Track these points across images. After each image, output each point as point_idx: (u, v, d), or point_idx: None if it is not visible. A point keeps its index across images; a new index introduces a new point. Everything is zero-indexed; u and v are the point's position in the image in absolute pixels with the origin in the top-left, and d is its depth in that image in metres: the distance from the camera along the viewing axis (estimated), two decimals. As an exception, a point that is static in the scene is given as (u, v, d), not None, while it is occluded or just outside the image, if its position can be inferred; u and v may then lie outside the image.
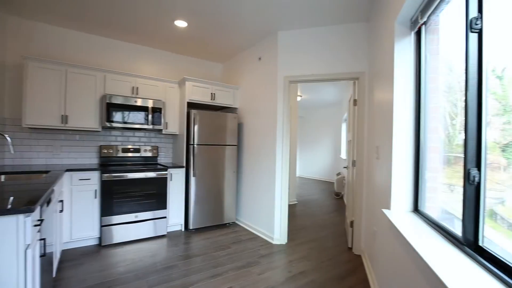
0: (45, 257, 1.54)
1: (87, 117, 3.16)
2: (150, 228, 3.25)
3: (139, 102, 3.37)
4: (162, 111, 3.55)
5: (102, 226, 2.97)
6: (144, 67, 3.88)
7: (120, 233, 3.06)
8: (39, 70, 2.91)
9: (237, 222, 3.99)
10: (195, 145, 3.52)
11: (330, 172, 8.86)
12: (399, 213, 1.73)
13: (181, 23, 3.13)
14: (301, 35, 3.19)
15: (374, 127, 2.52)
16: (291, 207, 4.94)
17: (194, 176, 3.52)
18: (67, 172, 2.78)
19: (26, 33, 3.12)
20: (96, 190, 2.95)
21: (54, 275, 2.14)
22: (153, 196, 3.27)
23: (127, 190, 3.10)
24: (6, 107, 3.01)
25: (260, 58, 3.59)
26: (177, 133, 3.82)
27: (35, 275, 1.32)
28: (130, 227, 3.12)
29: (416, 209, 1.73)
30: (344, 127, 7.71)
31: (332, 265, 2.71)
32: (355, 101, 3.06)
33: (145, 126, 3.43)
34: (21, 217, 1.14)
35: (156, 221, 3.29)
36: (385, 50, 2.08)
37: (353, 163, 3.08)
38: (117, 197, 3.03)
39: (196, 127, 3.52)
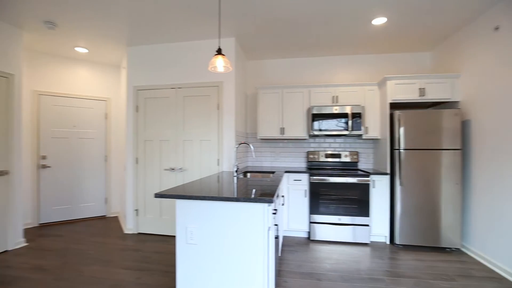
0: (276, 239, 1.96)
1: (297, 127, 3.75)
2: (351, 233, 3.26)
3: (338, 110, 3.53)
4: (362, 116, 3.49)
5: (310, 222, 3.37)
6: (341, 75, 4.03)
7: (324, 232, 3.32)
8: (265, 95, 3.84)
9: (463, 249, 3.08)
10: (401, 150, 3.14)
11: None
12: None
13: (379, 21, 2.95)
14: None
15: None
16: None
17: (401, 185, 3.14)
18: (285, 173, 3.43)
19: (257, 70, 4.25)
20: (305, 190, 3.41)
21: (279, 254, 2.69)
22: (355, 202, 3.26)
23: (330, 193, 3.31)
24: (248, 125, 4.25)
25: (497, 28, 2.60)
26: (378, 138, 3.60)
27: (272, 250, 1.70)
28: (333, 228, 3.30)
29: None
30: None
31: None
32: None
33: (345, 132, 3.53)
34: (265, 205, 1.53)
35: (356, 228, 3.25)
36: None
37: None
38: (322, 198, 3.33)
39: (401, 129, 3.13)
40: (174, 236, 3.52)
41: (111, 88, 4.57)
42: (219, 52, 2.25)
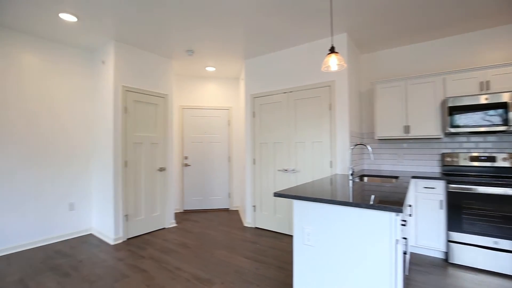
0: (405, 255, 1.69)
1: (427, 124, 3.14)
2: (516, 263, 2.42)
3: (490, 99, 2.72)
4: (532, 105, 2.55)
5: (448, 241, 2.73)
6: (488, 54, 3.08)
7: (469, 256, 2.62)
8: (383, 90, 3.43)
9: None
10: None
11: None
12: None
13: None
14: None
15: None
16: None
17: None
18: (412, 179, 2.93)
19: (371, 63, 3.85)
20: (441, 201, 2.80)
21: (407, 273, 2.31)
22: (522, 221, 2.41)
23: (479, 206, 2.58)
24: (363, 124, 3.91)
25: None
26: None
27: (399, 267, 1.48)
28: (484, 253, 2.55)
29: None
30: None
31: None
32: None
33: (501, 128, 2.68)
34: (393, 214, 1.34)
35: (528, 257, 2.38)
36: None
37: None
38: (466, 212, 2.64)
39: None
40: (287, 234, 3.65)
41: (232, 98, 5.25)
42: (332, 50, 2.18)
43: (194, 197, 5.08)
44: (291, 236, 3.61)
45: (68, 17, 2.82)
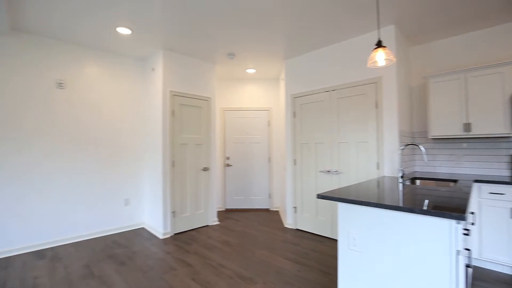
0: (468, 268, 1.51)
1: (493, 121, 2.76)
2: None
3: None
4: None
5: (522, 255, 2.37)
6: None
7: (554, 275, 2.23)
8: (438, 84, 3.11)
9: None
10: None
11: None
12: None
13: None
14: None
15: None
16: None
17: None
18: (474, 183, 2.61)
19: (423, 56, 3.52)
20: (511, 209, 2.44)
21: (469, 289, 2.05)
22: None
23: None
24: (414, 122, 3.60)
25: None
26: None
27: (461, 283, 1.32)
28: None
29: None
30: None
31: None
32: None
33: None
34: (453, 222, 1.21)
35: None
36: None
37: None
38: (547, 223, 2.26)
39: None
40: (329, 238, 3.53)
41: (272, 99, 5.27)
42: (379, 44, 2.05)
43: (236, 196, 5.21)
44: (334, 239, 3.48)
45: (123, 31, 3.12)
